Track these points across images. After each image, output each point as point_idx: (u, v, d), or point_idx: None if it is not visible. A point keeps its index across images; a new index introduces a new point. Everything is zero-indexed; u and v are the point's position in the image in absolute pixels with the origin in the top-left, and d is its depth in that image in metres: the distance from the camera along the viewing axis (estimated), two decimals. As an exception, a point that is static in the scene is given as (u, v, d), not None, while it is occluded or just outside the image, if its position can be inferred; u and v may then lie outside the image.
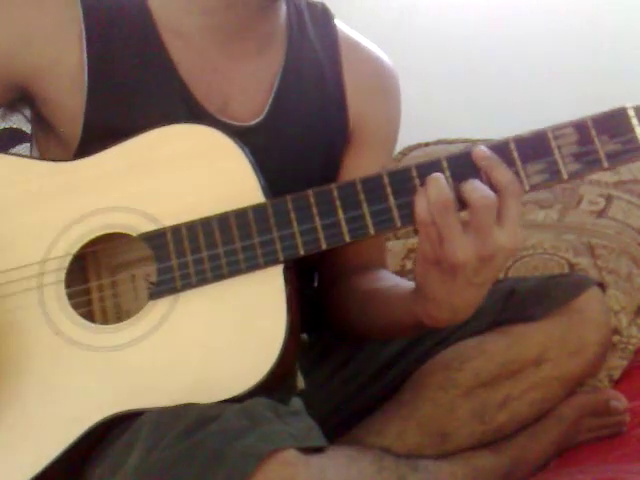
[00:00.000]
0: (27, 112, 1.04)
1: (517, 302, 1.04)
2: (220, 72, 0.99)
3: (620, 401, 1.14)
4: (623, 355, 1.34)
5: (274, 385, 0.83)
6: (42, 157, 0.96)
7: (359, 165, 1.07)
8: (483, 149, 0.82)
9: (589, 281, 1.06)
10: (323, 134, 1.05)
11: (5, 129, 1.25)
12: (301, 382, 0.90)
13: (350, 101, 1.06)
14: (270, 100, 1.01)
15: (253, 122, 0.99)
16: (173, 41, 0.97)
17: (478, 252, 0.78)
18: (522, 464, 1.05)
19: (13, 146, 1.24)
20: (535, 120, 1.78)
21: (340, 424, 1.01)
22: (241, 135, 0.91)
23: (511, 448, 1.03)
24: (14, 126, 1.28)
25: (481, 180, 0.80)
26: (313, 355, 1.10)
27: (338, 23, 1.09)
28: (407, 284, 0.93)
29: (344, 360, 1.10)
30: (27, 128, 1.18)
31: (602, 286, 1.07)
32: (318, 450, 0.78)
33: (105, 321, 0.89)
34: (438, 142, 1.82)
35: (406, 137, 1.27)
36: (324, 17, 1.08)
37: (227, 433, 0.73)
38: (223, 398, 0.79)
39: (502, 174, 0.80)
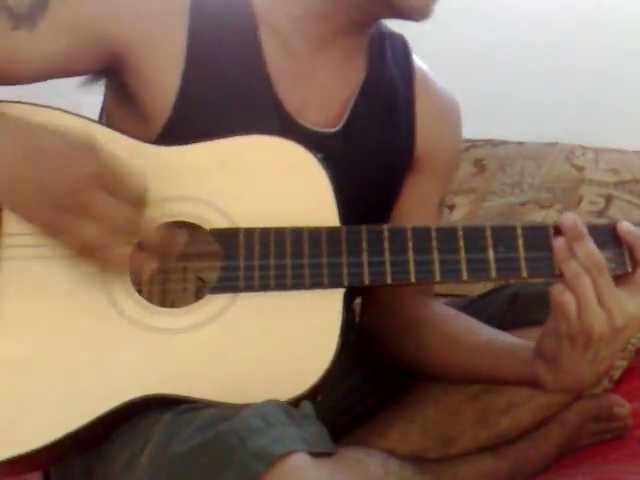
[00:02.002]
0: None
1: (521, 306, 1.05)
2: (304, 77, 1.00)
3: (623, 407, 1.15)
4: (623, 355, 1.34)
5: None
6: (135, 136, 0.93)
7: (418, 192, 1.08)
8: (627, 224, 0.85)
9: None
10: (391, 156, 1.06)
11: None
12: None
13: (419, 130, 1.08)
14: (347, 113, 1.01)
15: (330, 130, 1.00)
16: (267, 37, 0.98)
17: (612, 323, 0.80)
18: (524, 468, 1.05)
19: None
20: (535, 121, 1.79)
21: (345, 426, 1.02)
22: (318, 141, 0.93)
23: (513, 452, 1.04)
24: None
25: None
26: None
27: (415, 58, 1.12)
28: (513, 340, 0.95)
29: (350, 364, 1.09)
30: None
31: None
32: (326, 454, 0.78)
33: None
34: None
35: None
36: (403, 48, 1.10)
37: (240, 432, 0.73)
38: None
39: None
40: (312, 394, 0.82)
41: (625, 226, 0.84)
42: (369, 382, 1.10)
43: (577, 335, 0.81)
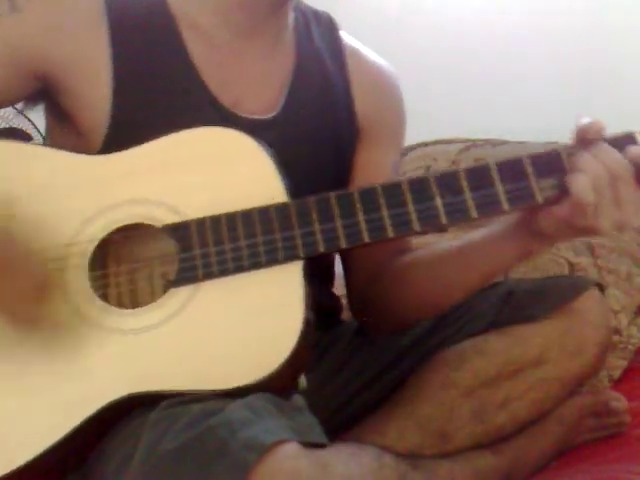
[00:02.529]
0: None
1: (516, 303, 1.05)
2: (235, 68, 1.02)
3: (620, 402, 1.15)
4: (623, 355, 1.34)
5: (288, 385, 0.84)
6: (75, 150, 0.96)
7: (370, 161, 1.11)
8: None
9: (588, 282, 1.06)
10: (333, 133, 1.08)
11: (5, 129, 1.25)
12: (303, 382, 0.91)
13: (357, 103, 1.10)
14: (283, 97, 1.04)
15: (268, 116, 1.02)
16: (190, 35, 1.00)
17: (623, 222, 0.85)
18: (522, 465, 1.05)
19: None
20: (535, 120, 1.79)
21: (340, 424, 1.01)
22: (256, 128, 0.94)
23: (511, 449, 1.03)
24: (15, 126, 1.27)
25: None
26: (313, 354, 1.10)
27: (342, 33, 1.14)
28: (486, 233, 0.97)
29: (343, 359, 1.11)
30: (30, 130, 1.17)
31: (601, 287, 1.07)
32: (319, 446, 0.78)
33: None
34: (437, 142, 1.82)
35: (405, 137, 1.28)
36: (329, 26, 1.13)
37: (230, 425, 0.73)
38: (235, 386, 0.80)
39: None
40: (291, 370, 0.82)
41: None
42: (361, 379, 1.09)
43: (587, 229, 0.85)
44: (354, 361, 1.11)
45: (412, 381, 1.04)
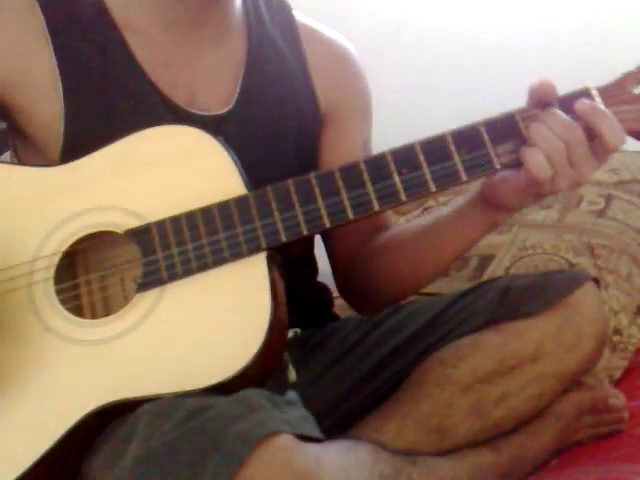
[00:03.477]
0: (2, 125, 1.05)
1: (513, 299, 1.04)
2: (183, 66, 1.01)
3: (618, 398, 1.14)
4: (623, 355, 1.33)
5: (265, 375, 0.84)
6: (26, 164, 0.98)
7: (339, 144, 1.10)
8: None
9: (584, 276, 1.06)
10: (294, 119, 1.07)
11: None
12: (292, 375, 0.91)
13: (317, 86, 1.09)
14: (237, 89, 1.03)
15: (223, 111, 1.01)
16: (133, 39, 0.99)
17: (579, 181, 0.86)
18: (521, 462, 1.04)
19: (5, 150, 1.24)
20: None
21: (336, 424, 1.01)
22: (213, 124, 0.94)
23: (510, 446, 1.03)
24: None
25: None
26: (307, 350, 1.11)
27: (295, 13, 1.12)
28: (452, 209, 0.99)
29: (337, 356, 1.11)
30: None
31: (597, 281, 1.07)
32: (314, 440, 0.78)
33: (94, 318, 0.90)
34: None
35: (405, 136, 1.27)
36: (281, 8, 1.11)
37: (223, 419, 0.73)
38: (210, 384, 0.80)
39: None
40: (266, 359, 0.82)
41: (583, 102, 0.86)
42: (357, 376, 1.09)
43: (545, 194, 0.88)
44: (349, 357, 1.10)
45: (409, 378, 1.04)
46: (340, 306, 1.23)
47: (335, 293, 1.21)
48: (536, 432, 1.06)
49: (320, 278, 1.22)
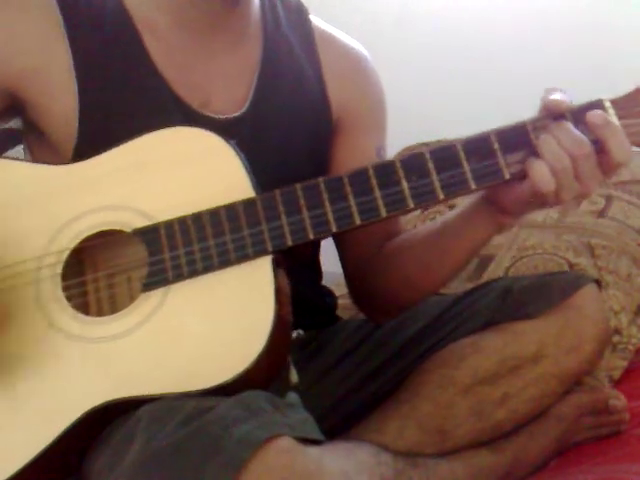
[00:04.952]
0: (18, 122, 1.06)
1: (514, 300, 1.05)
2: (198, 68, 1.01)
3: (619, 400, 1.14)
4: (623, 355, 1.33)
5: (270, 377, 0.84)
6: (39, 161, 0.97)
7: (351, 152, 1.10)
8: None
9: (585, 278, 1.07)
10: (307, 125, 1.07)
11: (2, 130, 1.25)
12: (294, 376, 0.91)
13: (331, 92, 1.09)
14: (251, 93, 1.02)
15: (237, 114, 1.01)
16: (151, 39, 0.99)
17: (585, 193, 0.86)
18: (521, 463, 1.04)
19: (12, 147, 1.25)
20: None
21: (337, 425, 1.01)
22: (226, 127, 0.93)
23: (510, 447, 1.03)
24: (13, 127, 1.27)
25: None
26: (308, 351, 1.11)
27: (312, 18, 1.11)
28: (457, 213, 0.99)
29: (338, 357, 1.11)
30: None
31: (598, 282, 1.07)
32: (315, 443, 0.78)
33: (100, 316, 0.90)
34: (438, 142, 1.81)
35: (406, 136, 1.27)
36: (298, 13, 1.11)
37: (224, 421, 0.73)
38: (213, 385, 0.80)
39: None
40: (269, 361, 0.82)
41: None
42: (358, 377, 1.09)
43: (550, 204, 0.87)
44: (350, 359, 1.10)
45: (410, 379, 1.04)
46: (342, 307, 1.23)
47: (337, 294, 1.21)
48: (536, 433, 1.06)
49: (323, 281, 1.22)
